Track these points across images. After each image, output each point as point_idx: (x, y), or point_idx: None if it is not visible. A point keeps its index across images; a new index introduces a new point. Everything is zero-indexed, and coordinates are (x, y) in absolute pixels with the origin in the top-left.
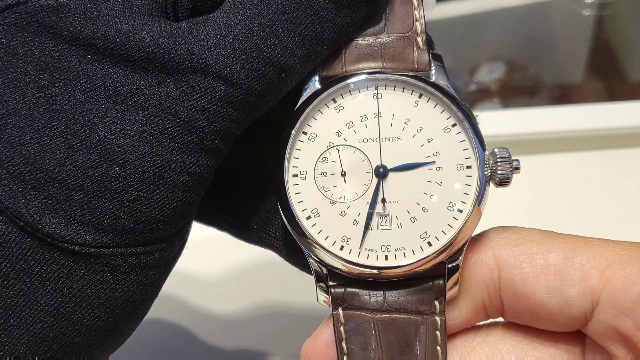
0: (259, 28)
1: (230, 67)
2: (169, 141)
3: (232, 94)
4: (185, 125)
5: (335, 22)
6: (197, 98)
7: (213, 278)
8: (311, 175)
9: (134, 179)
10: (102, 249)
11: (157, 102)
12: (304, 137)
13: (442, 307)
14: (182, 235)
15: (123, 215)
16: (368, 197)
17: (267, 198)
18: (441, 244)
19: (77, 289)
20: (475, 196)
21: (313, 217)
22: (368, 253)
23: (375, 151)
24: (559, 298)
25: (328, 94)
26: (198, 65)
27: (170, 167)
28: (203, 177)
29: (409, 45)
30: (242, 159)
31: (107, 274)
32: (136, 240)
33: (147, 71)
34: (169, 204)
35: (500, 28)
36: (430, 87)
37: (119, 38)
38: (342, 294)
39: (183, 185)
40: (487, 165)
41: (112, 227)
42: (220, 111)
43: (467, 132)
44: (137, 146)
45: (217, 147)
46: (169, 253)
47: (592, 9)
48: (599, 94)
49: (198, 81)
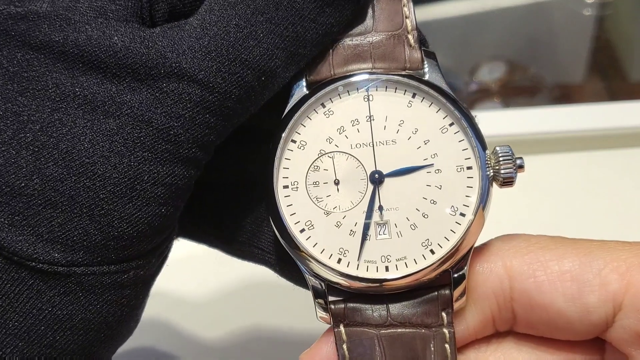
0: (235, 29)
1: (206, 70)
2: (142, 151)
3: (209, 99)
4: (158, 134)
5: (318, 21)
6: (171, 104)
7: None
8: (303, 186)
9: (104, 192)
10: (73, 268)
11: (128, 109)
12: (293, 146)
13: (450, 319)
14: (161, 251)
15: (94, 231)
16: (364, 205)
17: (255, 210)
18: (444, 251)
19: (48, 310)
20: (478, 199)
21: (307, 230)
22: (367, 265)
23: (369, 156)
24: (579, 306)
25: (316, 99)
26: (171, 69)
27: (143, 179)
28: (180, 188)
29: (400, 43)
30: (228, 170)
31: (79, 294)
32: (109, 258)
33: (118, 78)
34: (143, 218)
35: (500, 28)
36: (424, 85)
37: (89, 45)
38: (342, 309)
39: (158, 197)
40: (489, 165)
41: (83, 244)
42: (197, 117)
43: (466, 131)
44: (107, 157)
45: (195, 156)
46: (146, 271)
47: (592, 8)
48: (600, 94)
49: (172, 86)
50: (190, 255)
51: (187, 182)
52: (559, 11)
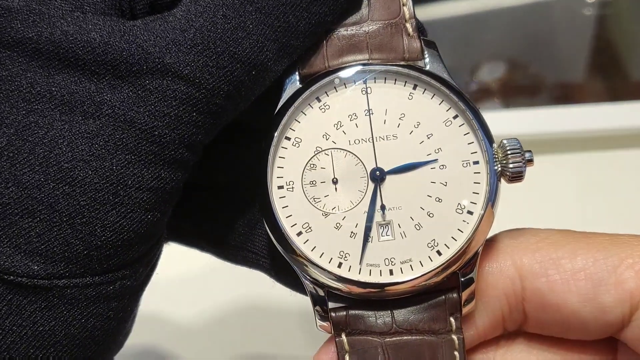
0: (223, 20)
1: (192, 65)
2: (124, 153)
3: (195, 95)
4: (142, 134)
5: (311, 10)
6: (155, 103)
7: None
8: (299, 186)
9: (84, 199)
10: (54, 281)
11: (109, 109)
12: (288, 143)
13: (459, 324)
14: (148, 259)
15: (75, 240)
16: (365, 205)
17: (248, 212)
18: (452, 252)
19: (29, 327)
20: (486, 195)
21: (304, 233)
22: (370, 269)
23: (369, 153)
24: (594, 305)
25: (311, 93)
26: (154, 65)
27: (127, 183)
28: (167, 192)
29: (397, 32)
30: (218, 170)
31: (61, 308)
32: (93, 269)
33: (98, 76)
34: (127, 225)
35: (501, 27)
36: (425, 76)
37: (65, 41)
38: (344, 317)
39: (143, 203)
40: (496, 159)
41: (64, 255)
42: (183, 116)
43: (471, 123)
44: (87, 161)
45: (182, 157)
46: (134, 281)
47: (593, 8)
48: (601, 94)
49: (155, 83)
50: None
51: (174, 185)
52: (559, 11)
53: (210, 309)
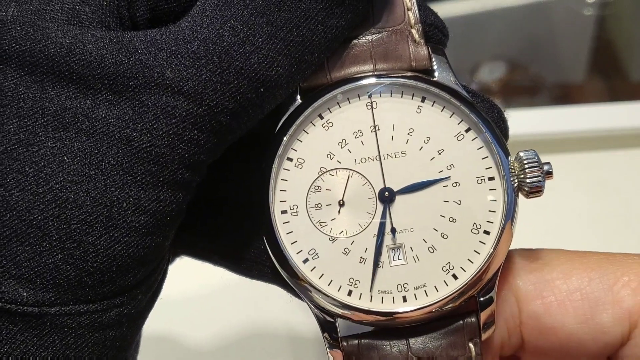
0: (230, 32)
1: (194, 80)
2: (119, 174)
3: (197, 113)
4: (139, 154)
5: (327, 24)
6: (153, 120)
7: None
8: (303, 209)
9: (75, 222)
10: (44, 308)
11: (103, 127)
12: (290, 165)
13: (479, 350)
14: (148, 285)
15: (66, 266)
16: (374, 228)
17: None
18: (469, 275)
19: (20, 356)
20: (503, 213)
21: (311, 260)
22: (382, 296)
23: (377, 172)
24: (592, 326)
25: (313, 110)
26: (153, 79)
27: (122, 206)
28: (168, 214)
29: (403, 39)
30: (231, 183)
31: (53, 337)
32: (86, 296)
33: (94, 90)
34: (122, 250)
35: (501, 28)
36: (433, 87)
37: (60, 54)
38: (356, 347)
39: (141, 226)
40: (513, 174)
41: (55, 281)
42: (183, 135)
43: (484, 136)
44: (79, 182)
45: (183, 178)
46: (132, 308)
47: (593, 8)
48: (601, 94)
49: (154, 99)
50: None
51: (175, 207)
52: (559, 11)
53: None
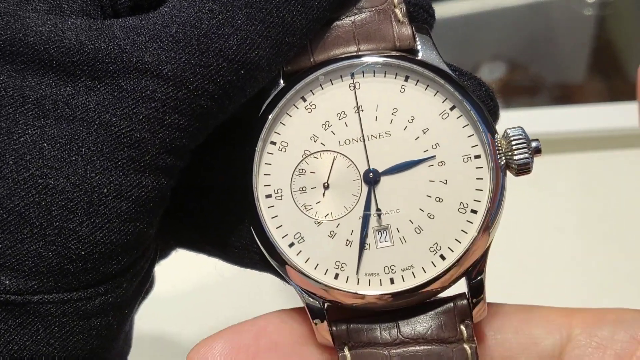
0: (209, 15)
1: (173, 63)
2: (101, 159)
3: (177, 96)
4: (119, 139)
5: (308, 5)
6: (133, 105)
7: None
8: (288, 193)
9: (56, 208)
10: (27, 296)
11: (83, 112)
12: (273, 148)
13: (471, 332)
14: (134, 272)
15: (47, 253)
16: (359, 210)
17: None
18: (456, 255)
19: (2, 346)
20: (490, 191)
21: (297, 244)
22: (369, 278)
23: (361, 153)
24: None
25: (295, 92)
26: (132, 64)
27: (103, 192)
28: (150, 201)
29: (386, 19)
30: (217, 170)
31: (37, 326)
32: (69, 284)
33: (73, 77)
34: (105, 237)
35: (501, 27)
36: (417, 66)
37: (39, 42)
38: (345, 331)
39: (123, 213)
40: (500, 152)
41: (37, 269)
42: (164, 119)
43: (469, 114)
44: (59, 169)
45: (165, 163)
46: (117, 297)
47: (593, 8)
48: (601, 94)
49: (133, 84)
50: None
51: (158, 193)
52: (559, 11)
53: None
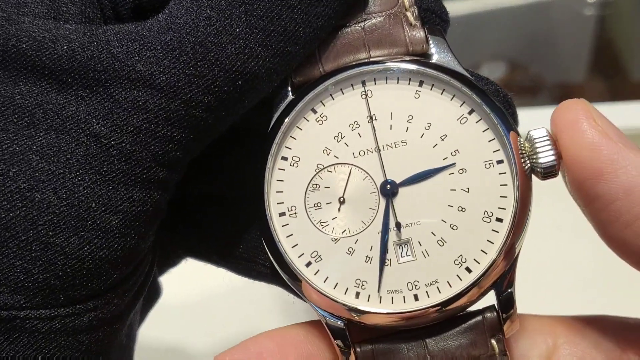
0: (206, 22)
1: (166, 73)
2: (89, 172)
3: (170, 107)
4: (109, 151)
5: (311, 13)
6: (124, 116)
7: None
8: (302, 210)
9: (43, 223)
10: (14, 312)
11: (73, 123)
12: (285, 164)
13: (503, 347)
14: (125, 289)
15: (34, 268)
16: (378, 224)
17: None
18: (483, 267)
19: None
20: (516, 198)
21: (314, 262)
22: (392, 296)
23: (377, 164)
24: None
25: (305, 104)
26: (124, 73)
27: (91, 206)
28: (142, 215)
29: (397, 23)
30: (224, 180)
31: (24, 341)
32: (56, 300)
33: (65, 85)
34: (93, 252)
35: (501, 27)
36: (431, 70)
37: (32, 48)
38: (371, 352)
39: (112, 228)
40: (524, 155)
41: (23, 284)
42: (156, 130)
43: (489, 118)
44: (46, 181)
45: (157, 176)
46: (107, 313)
47: (593, 8)
48: (601, 94)
49: (124, 94)
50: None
51: (150, 207)
52: (559, 11)
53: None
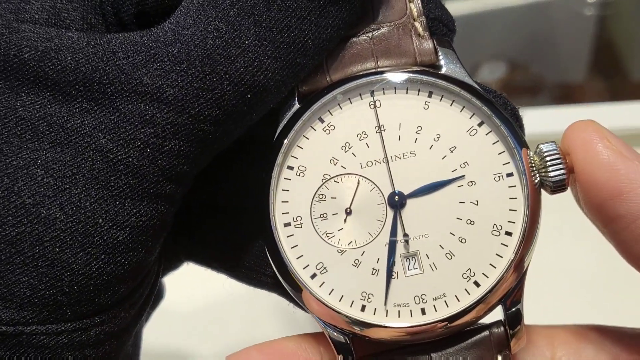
0: (215, 34)
1: (174, 86)
2: (96, 187)
3: (178, 121)
4: (115, 166)
5: (321, 24)
6: (131, 129)
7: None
8: (308, 221)
9: (49, 239)
10: (20, 327)
11: (78, 137)
12: (291, 173)
13: None
14: (132, 302)
15: (40, 285)
16: (385, 236)
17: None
18: (491, 281)
19: None
20: (525, 212)
21: (319, 274)
22: (399, 309)
23: (385, 175)
24: None
25: (312, 113)
26: (130, 86)
27: (98, 222)
28: (149, 229)
29: (406, 34)
30: (228, 188)
31: (30, 356)
32: (63, 315)
33: (69, 97)
34: (101, 268)
35: (501, 27)
36: (440, 80)
37: (34, 58)
38: None
39: (119, 243)
40: (534, 169)
41: (30, 300)
42: (164, 145)
43: (499, 130)
44: (52, 196)
45: (164, 190)
46: (114, 326)
47: (594, 8)
48: (601, 94)
49: (131, 107)
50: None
51: (157, 222)
52: (560, 11)
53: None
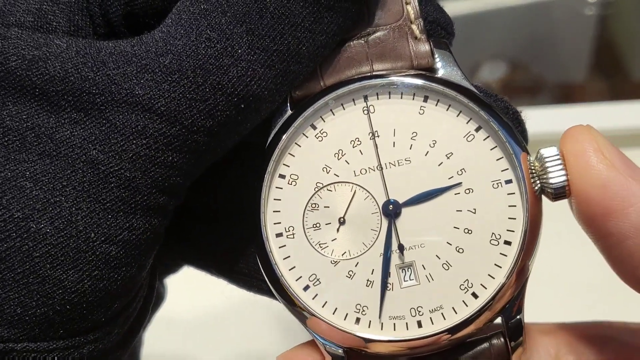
0: (207, 44)
1: (166, 97)
2: (87, 201)
3: (171, 133)
4: (107, 178)
5: (315, 31)
6: (122, 141)
7: None
8: (300, 231)
9: (40, 255)
10: (10, 344)
11: (68, 148)
12: (282, 182)
13: None
14: (125, 317)
15: (31, 302)
16: (380, 246)
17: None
18: (490, 292)
19: None
20: (525, 220)
21: (312, 286)
22: (394, 322)
23: (379, 183)
24: None
25: (304, 120)
26: (121, 96)
27: (90, 237)
28: (142, 243)
29: (402, 36)
30: (223, 194)
31: None
32: (55, 333)
33: (57, 108)
34: (93, 285)
35: (502, 27)
36: (436, 84)
37: (21, 67)
38: None
39: (111, 258)
40: (534, 175)
41: (20, 318)
42: (156, 156)
43: (498, 135)
44: (42, 210)
45: (157, 203)
46: (107, 343)
47: (594, 8)
48: (602, 94)
49: (122, 118)
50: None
51: (150, 235)
52: (560, 11)
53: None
